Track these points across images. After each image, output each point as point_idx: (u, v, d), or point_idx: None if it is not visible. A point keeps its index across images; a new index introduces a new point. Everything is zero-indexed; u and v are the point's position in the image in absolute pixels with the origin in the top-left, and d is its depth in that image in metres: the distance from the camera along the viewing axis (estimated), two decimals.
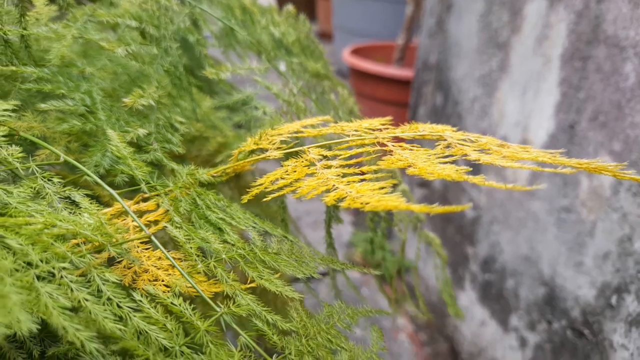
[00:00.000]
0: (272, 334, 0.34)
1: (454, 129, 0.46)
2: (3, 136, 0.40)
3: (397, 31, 2.61)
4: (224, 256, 0.37)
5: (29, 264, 0.28)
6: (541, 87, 1.37)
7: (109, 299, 0.29)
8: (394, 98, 2.39)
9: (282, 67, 0.73)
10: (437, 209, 0.27)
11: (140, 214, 0.42)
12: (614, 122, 1.12)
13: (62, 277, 0.28)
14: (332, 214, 0.57)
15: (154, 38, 0.55)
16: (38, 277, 0.28)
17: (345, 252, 2.16)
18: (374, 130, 0.45)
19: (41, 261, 0.28)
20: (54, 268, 0.28)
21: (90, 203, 0.37)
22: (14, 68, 0.49)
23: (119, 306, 0.29)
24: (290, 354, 0.34)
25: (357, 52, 2.64)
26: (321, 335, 0.37)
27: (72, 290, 0.28)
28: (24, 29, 0.52)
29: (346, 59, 2.48)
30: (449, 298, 0.70)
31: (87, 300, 0.28)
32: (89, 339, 0.25)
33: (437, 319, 1.85)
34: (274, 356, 0.33)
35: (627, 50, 1.04)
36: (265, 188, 0.37)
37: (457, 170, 0.32)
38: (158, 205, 0.42)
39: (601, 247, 1.18)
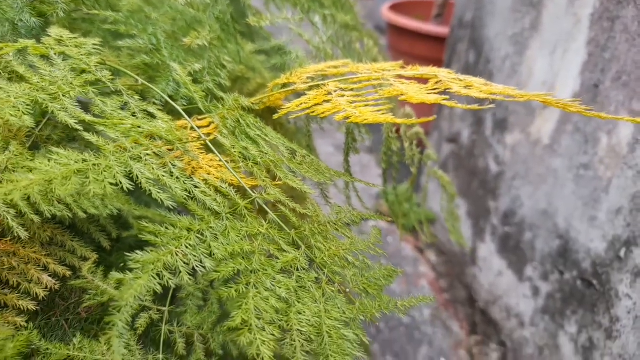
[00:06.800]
0: (292, 217, 0.46)
1: (451, 71, 0.55)
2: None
3: None
4: (259, 160, 0.49)
5: (124, 149, 0.40)
6: (570, 47, 1.40)
7: (177, 177, 0.42)
8: (430, 55, 2.42)
9: (316, 18, 0.82)
10: (413, 120, 0.37)
11: (198, 128, 0.54)
12: (636, 82, 1.16)
13: (146, 160, 0.41)
14: (350, 145, 0.68)
15: None
16: (131, 158, 0.40)
17: (374, 204, 2.28)
18: (383, 70, 0.55)
19: (132, 148, 0.40)
20: (141, 153, 0.41)
21: (162, 114, 0.49)
22: (96, 12, 0.61)
23: (184, 182, 0.42)
24: (304, 231, 0.46)
25: (395, 7, 2.66)
26: (330, 225, 0.49)
27: (153, 169, 0.40)
28: None
29: (384, 15, 2.51)
30: (452, 227, 0.80)
31: (164, 176, 0.40)
32: (167, 199, 0.38)
33: (457, 268, 1.95)
34: (292, 231, 0.45)
35: None
36: (291, 111, 0.48)
37: (437, 98, 0.42)
38: (210, 123, 0.54)
39: (615, 203, 1.23)
